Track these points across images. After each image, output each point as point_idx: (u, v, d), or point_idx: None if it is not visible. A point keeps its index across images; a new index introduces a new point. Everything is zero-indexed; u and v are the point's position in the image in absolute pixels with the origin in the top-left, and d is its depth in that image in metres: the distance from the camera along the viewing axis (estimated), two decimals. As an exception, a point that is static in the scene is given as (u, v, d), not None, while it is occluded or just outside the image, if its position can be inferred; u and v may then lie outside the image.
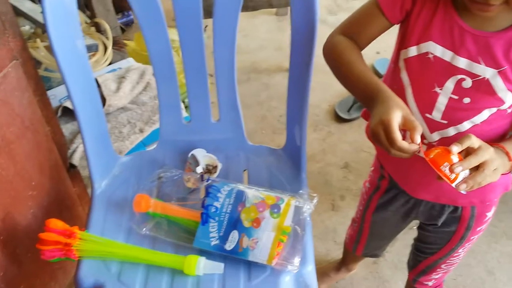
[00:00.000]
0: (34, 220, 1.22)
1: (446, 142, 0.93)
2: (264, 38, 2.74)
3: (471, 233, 1.09)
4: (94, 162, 1.18)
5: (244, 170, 1.26)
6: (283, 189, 1.14)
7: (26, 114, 1.13)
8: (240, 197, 1.07)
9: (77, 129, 1.59)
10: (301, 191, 1.09)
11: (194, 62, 1.20)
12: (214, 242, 1.03)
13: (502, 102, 0.87)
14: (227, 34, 1.16)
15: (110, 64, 1.81)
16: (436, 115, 0.92)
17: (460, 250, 1.14)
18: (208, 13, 1.14)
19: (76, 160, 1.43)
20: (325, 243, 1.67)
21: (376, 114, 0.80)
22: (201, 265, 1.01)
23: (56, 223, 1.04)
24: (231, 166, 1.26)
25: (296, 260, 1.01)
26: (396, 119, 0.77)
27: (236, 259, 1.02)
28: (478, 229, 1.09)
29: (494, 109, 0.89)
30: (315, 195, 1.08)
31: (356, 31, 0.94)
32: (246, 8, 2.02)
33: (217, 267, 1.02)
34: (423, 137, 0.95)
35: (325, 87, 2.26)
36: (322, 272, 1.13)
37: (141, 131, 1.60)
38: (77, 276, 1.03)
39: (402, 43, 0.92)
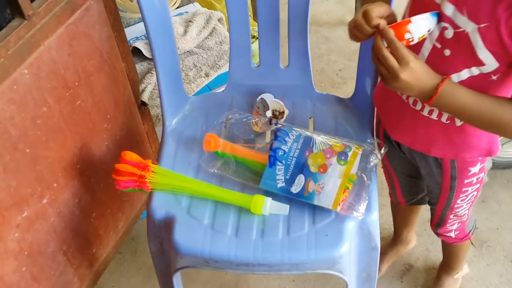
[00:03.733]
0: (108, 152, 1.25)
1: None
2: (326, -10, 2.66)
3: (459, 184, 1.08)
4: (167, 100, 1.20)
5: (310, 118, 1.26)
6: (349, 138, 1.12)
7: (105, 48, 1.15)
8: (307, 143, 1.07)
9: (145, 69, 1.62)
10: (368, 141, 1.08)
11: (267, 7, 1.18)
12: (280, 184, 1.04)
13: (481, 63, 0.83)
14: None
15: (177, 8, 1.81)
16: None
17: (458, 202, 1.13)
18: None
19: (145, 99, 1.45)
20: (380, 198, 1.66)
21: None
22: (267, 205, 1.02)
23: (131, 156, 1.07)
24: (297, 113, 1.26)
25: (362, 207, 1.01)
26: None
27: (301, 202, 1.03)
28: (466, 181, 1.08)
29: (476, 71, 0.85)
30: (385, 146, 1.06)
31: None
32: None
33: (283, 208, 1.03)
34: None
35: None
36: (380, 252, 1.13)
37: (207, 75, 1.60)
38: (150, 207, 1.06)
39: None
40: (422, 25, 0.82)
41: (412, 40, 0.82)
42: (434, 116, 0.95)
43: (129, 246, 1.64)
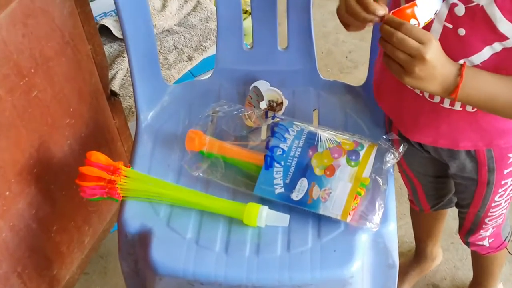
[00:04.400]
0: (71, 153, 1.25)
1: None
2: (333, -44, 2.67)
3: (497, 177, 1.09)
4: (141, 89, 1.20)
5: (314, 110, 1.26)
6: (361, 134, 1.13)
7: (67, 27, 1.15)
8: (311, 140, 1.07)
9: (115, 52, 1.61)
10: (384, 137, 1.08)
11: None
12: (279, 190, 1.04)
13: (504, 37, 0.84)
14: None
15: (154, -23, 1.81)
16: None
17: (496, 199, 1.14)
18: None
19: (115, 88, 1.45)
20: (399, 206, 1.66)
21: None
22: (263, 215, 1.02)
23: (98, 157, 1.07)
24: (299, 104, 1.26)
25: (376, 217, 1.01)
26: None
27: (304, 211, 1.03)
28: (506, 171, 1.09)
29: (498, 47, 0.86)
30: (404, 142, 1.06)
31: None
32: None
33: (282, 218, 1.03)
34: None
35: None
36: (400, 271, 1.14)
37: (190, 59, 1.61)
38: (121, 218, 1.06)
39: None
40: (428, 8, 0.83)
41: (418, 26, 0.83)
42: (457, 106, 0.96)
43: (97, 265, 1.64)
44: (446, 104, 0.96)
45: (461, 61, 0.88)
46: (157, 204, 1.07)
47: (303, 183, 1.03)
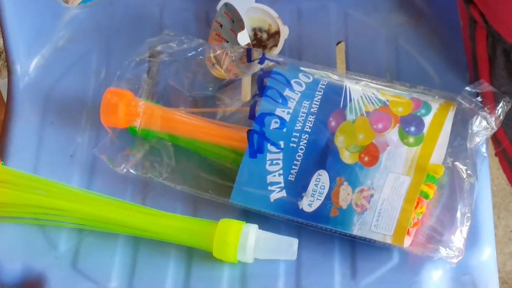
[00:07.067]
0: None
1: None
2: None
3: None
4: (14, 16, 1.22)
5: (339, 43, 1.30)
6: (426, 84, 1.14)
7: None
8: (334, 99, 1.08)
9: None
10: (469, 88, 1.08)
11: None
12: (277, 194, 1.05)
13: None
14: None
15: None
16: None
17: None
18: None
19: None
20: (506, 217, 1.66)
21: None
22: (249, 242, 1.02)
23: None
24: (309, 34, 1.31)
25: (458, 239, 1.01)
26: None
27: (324, 231, 1.04)
28: None
29: None
30: (505, 97, 1.06)
31: None
32: None
33: (284, 247, 1.03)
34: None
35: None
36: None
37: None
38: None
39: None
40: None
41: None
42: None
43: None
44: None
45: None
46: (54, 229, 1.09)
47: (321, 180, 1.04)
